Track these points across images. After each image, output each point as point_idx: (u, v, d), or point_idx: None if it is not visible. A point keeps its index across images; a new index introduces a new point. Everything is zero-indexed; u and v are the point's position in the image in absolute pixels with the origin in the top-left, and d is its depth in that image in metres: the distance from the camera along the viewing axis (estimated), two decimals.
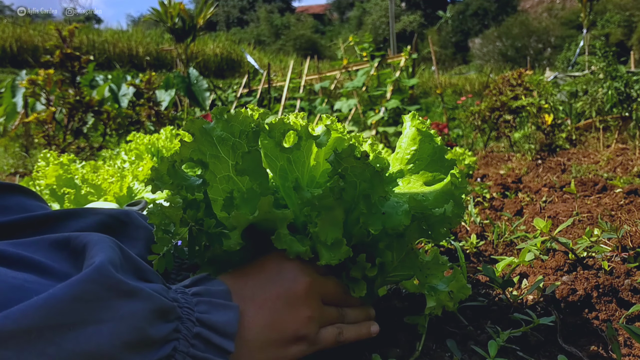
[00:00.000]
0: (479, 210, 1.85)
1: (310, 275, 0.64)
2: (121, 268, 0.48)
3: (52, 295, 0.41)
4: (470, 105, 5.97)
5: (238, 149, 0.62)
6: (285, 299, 0.60)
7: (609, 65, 4.25)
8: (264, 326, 0.58)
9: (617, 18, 29.67)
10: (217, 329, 0.52)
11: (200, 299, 0.54)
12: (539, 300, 0.85)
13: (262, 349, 0.58)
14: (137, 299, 0.46)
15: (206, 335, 0.51)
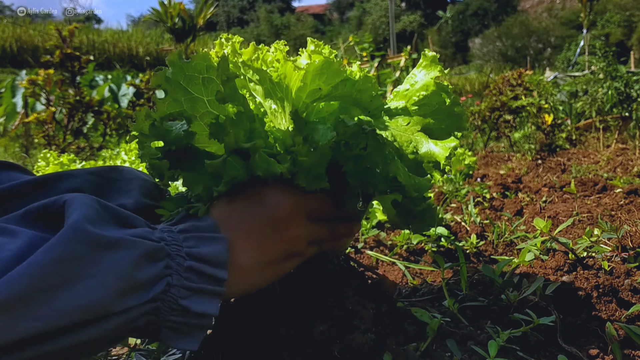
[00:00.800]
0: (479, 210, 1.85)
1: (292, 196, 0.64)
2: (100, 220, 0.48)
3: (33, 261, 0.41)
4: (470, 105, 5.96)
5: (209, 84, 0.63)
6: (271, 223, 0.61)
7: (609, 65, 4.25)
8: (253, 251, 0.59)
9: (617, 18, 29.67)
10: (208, 260, 0.53)
11: (188, 235, 0.54)
12: (539, 300, 0.85)
13: (256, 272, 0.60)
14: (119, 249, 0.46)
15: (198, 267, 0.52)
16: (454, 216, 1.73)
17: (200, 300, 0.52)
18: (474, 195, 2.05)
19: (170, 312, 0.50)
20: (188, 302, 0.51)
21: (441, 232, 1.42)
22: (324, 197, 0.69)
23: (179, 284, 0.50)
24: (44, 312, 0.41)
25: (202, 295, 0.52)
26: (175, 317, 0.50)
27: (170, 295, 0.50)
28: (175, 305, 0.50)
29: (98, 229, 0.46)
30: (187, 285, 0.51)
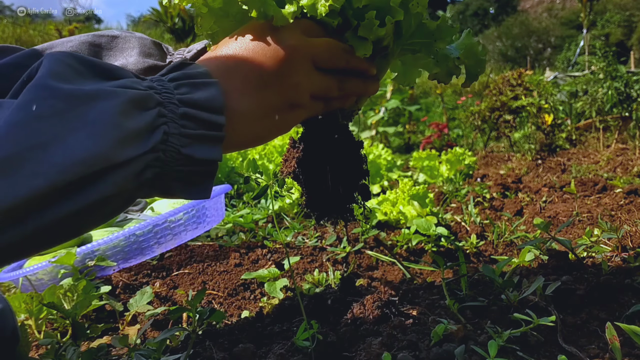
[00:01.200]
0: (479, 210, 1.85)
1: (294, 39, 0.60)
2: (75, 75, 0.45)
3: (8, 122, 0.40)
4: (470, 105, 5.96)
5: None
6: (271, 66, 0.58)
7: (609, 65, 4.25)
8: (252, 97, 0.57)
9: (617, 18, 29.67)
10: (203, 105, 0.51)
11: (179, 83, 0.52)
12: (539, 300, 0.85)
13: (257, 120, 0.58)
14: (98, 99, 0.44)
15: (193, 113, 0.50)
16: (454, 216, 1.73)
17: (202, 146, 0.50)
18: (474, 195, 2.05)
19: (174, 162, 0.49)
20: (190, 150, 0.49)
21: (441, 232, 1.42)
22: (334, 43, 0.63)
23: (177, 132, 0.49)
24: (42, 169, 0.40)
25: (203, 141, 0.50)
26: (181, 167, 0.49)
27: (170, 144, 0.48)
28: (177, 154, 0.49)
29: (70, 84, 0.44)
30: (185, 133, 0.49)
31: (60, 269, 1.12)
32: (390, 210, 1.66)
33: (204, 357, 0.79)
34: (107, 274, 1.25)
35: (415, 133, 5.58)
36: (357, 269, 1.32)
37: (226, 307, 1.13)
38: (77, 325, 0.92)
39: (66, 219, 0.43)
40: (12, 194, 0.39)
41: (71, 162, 0.41)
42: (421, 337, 0.75)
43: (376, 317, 0.85)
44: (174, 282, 1.24)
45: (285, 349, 0.77)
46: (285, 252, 1.02)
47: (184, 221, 1.35)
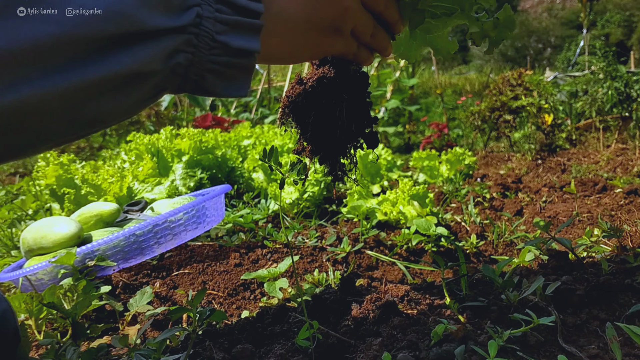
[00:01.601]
0: (479, 210, 1.85)
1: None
2: None
3: None
4: (470, 105, 5.96)
5: None
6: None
7: (609, 65, 4.25)
8: (302, 5, 0.54)
9: (617, 18, 29.66)
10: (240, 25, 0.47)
11: None
12: (539, 300, 0.85)
13: (299, 30, 0.55)
14: None
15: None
16: (454, 216, 1.73)
17: (238, 35, 0.46)
18: (474, 195, 2.05)
19: (208, 49, 0.45)
20: (226, 37, 0.46)
21: (441, 232, 1.42)
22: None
23: (211, 15, 0.45)
24: (54, 15, 0.35)
25: (240, 29, 0.47)
26: (216, 56, 0.46)
27: (204, 29, 0.44)
28: (212, 41, 0.45)
29: None
30: (220, 18, 0.45)
31: (60, 269, 1.12)
32: (390, 210, 1.66)
33: (204, 357, 0.79)
34: (107, 274, 1.25)
35: (415, 133, 5.58)
36: (357, 269, 1.32)
37: (226, 307, 1.13)
38: (77, 325, 0.92)
39: (77, 92, 0.38)
40: (12, 37, 0.33)
41: (89, 15, 0.36)
42: (421, 337, 0.75)
43: (376, 317, 0.85)
44: (174, 282, 1.24)
45: (285, 349, 0.77)
46: (290, 252, 1.02)
47: (184, 221, 1.35)
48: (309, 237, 1.50)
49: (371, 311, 0.88)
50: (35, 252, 1.27)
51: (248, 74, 0.49)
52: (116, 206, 1.47)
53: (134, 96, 0.42)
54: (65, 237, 1.25)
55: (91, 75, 0.38)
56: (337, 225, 1.80)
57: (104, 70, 0.38)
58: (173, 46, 0.42)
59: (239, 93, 0.49)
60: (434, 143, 4.49)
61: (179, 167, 2.05)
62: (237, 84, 0.49)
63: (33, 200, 2.03)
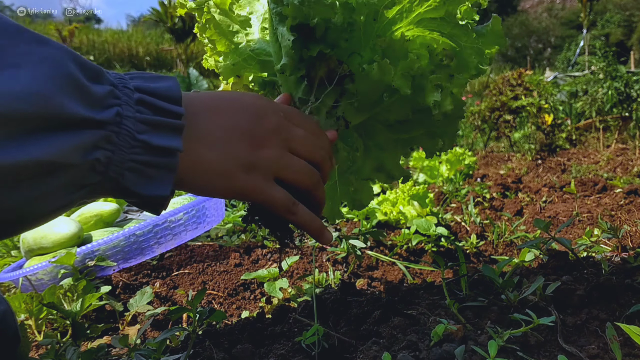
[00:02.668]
0: (479, 210, 1.85)
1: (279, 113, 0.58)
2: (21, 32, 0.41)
3: None
4: (470, 105, 5.96)
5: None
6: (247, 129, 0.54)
7: (609, 65, 4.25)
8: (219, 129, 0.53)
9: (617, 18, 29.67)
10: (160, 94, 0.47)
11: (135, 75, 0.48)
12: (539, 300, 0.85)
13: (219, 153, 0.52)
14: (51, 46, 0.40)
15: (150, 100, 0.46)
16: (454, 216, 1.73)
17: (160, 134, 0.45)
18: (474, 195, 2.05)
19: (128, 148, 0.44)
20: (147, 136, 0.45)
21: (441, 232, 1.42)
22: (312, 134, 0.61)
23: (132, 115, 0.44)
24: None
25: (161, 129, 0.46)
26: (136, 155, 0.44)
27: (124, 127, 0.43)
28: (132, 140, 0.44)
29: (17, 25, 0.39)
30: (141, 118, 0.45)
31: (60, 269, 1.12)
32: (391, 210, 1.66)
33: (204, 357, 0.79)
34: (107, 274, 1.25)
35: None
36: (357, 269, 1.32)
37: (226, 307, 1.13)
38: (77, 325, 0.92)
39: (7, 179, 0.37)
40: None
41: (4, 92, 0.36)
42: (421, 337, 0.75)
43: (376, 317, 0.85)
44: (174, 282, 1.24)
45: (286, 350, 0.77)
46: (313, 254, 1.02)
47: (184, 221, 1.35)
48: (309, 237, 1.50)
49: (371, 311, 0.88)
50: (35, 252, 1.27)
51: (169, 172, 0.47)
52: (116, 206, 1.47)
53: (50, 190, 0.40)
54: (65, 237, 1.25)
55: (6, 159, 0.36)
56: (337, 225, 1.80)
57: (19, 155, 0.37)
58: (92, 141, 0.41)
59: (159, 192, 0.47)
60: None
61: None
62: (157, 183, 0.47)
63: None
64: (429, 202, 1.69)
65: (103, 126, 0.42)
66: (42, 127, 0.38)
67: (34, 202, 0.40)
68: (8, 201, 0.38)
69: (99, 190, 0.45)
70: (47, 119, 0.38)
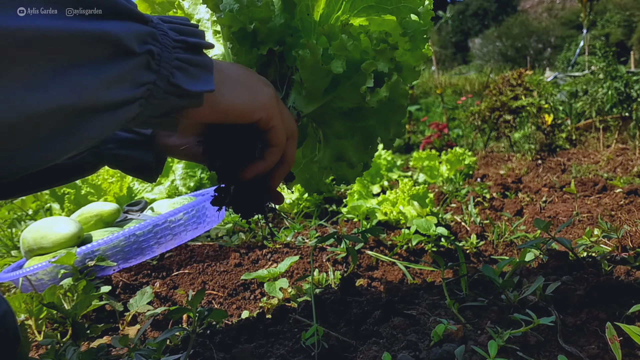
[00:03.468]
0: (479, 210, 1.85)
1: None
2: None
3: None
4: (470, 105, 5.96)
5: None
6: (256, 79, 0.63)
7: (609, 65, 4.25)
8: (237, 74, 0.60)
9: (617, 18, 29.67)
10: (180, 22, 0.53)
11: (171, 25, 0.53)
12: (539, 300, 0.85)
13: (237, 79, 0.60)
14: None
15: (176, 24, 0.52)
16: (454, 216, 1.73)
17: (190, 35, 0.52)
18: (474, 195, 2.05)
19: (172, 48, 0.49)
20: (183, 37, 0.51)
21: (441, 232, 1.42)
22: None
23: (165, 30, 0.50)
24: None
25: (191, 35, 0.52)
26: (179, 54, 0.50)
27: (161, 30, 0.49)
28: (172, 41, 0.50)
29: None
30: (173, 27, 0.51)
31: (60, 269, 1.12)
32: (391, 210, 1.66)
33: (204, 357, 0.79)
34: (107, 274, 1.25)
35: (415, 133, 5.58)
36: (357, 269, 1.32)
37: (226, 307, 1.13)
38: (77, 325, 0.92)
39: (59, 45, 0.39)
40: None
41: None
42: (421, 337, 0.75)
43: (376, 317, 0.85)
44: (174, 282, 1.24)
45: (286, 350, 0.77)
46: (311, 255, 1.02)
47: (184, 221, 1.35)
48: (309, 237, 1.50)
49: (371, 311, 0.88)
50: (35, 252, 1.27)
51: (208, 71, 0.53)
52: (116, 206, 1.47)
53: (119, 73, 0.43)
54: (65, 237, 1.25)
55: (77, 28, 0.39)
56: (337, 225, 1.80)
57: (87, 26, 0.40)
58: (143, 33, 0.45)
59: (205, 88, 0.52)
60: (434, 143, 4.49)
61: (179, 167, 2.05)
62: (203, 80, 0.52)
63: (33, 200, 2.03)
64: (429, 202, 1.69)
65: (146, 22, 0.47)
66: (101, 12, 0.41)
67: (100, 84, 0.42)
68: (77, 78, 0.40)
69: (155, 91, 0.48)
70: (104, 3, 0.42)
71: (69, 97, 0.40)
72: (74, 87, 0.40)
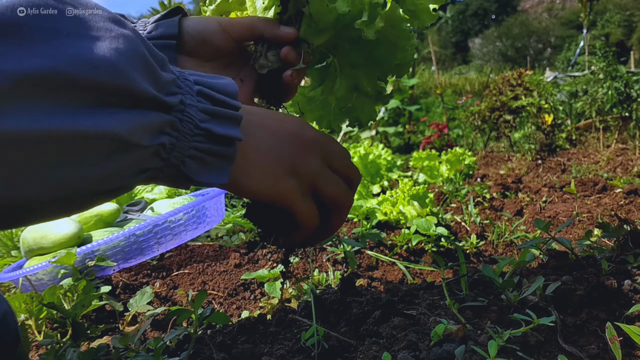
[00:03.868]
0: (479, 210, 1.85)
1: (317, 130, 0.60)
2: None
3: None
4: (470, 105, 5.96)
5: None
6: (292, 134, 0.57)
7: (609, 65, 4.25)
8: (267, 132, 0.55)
9: (617, 18, 29.67)
10: (218, 88, 0.49)
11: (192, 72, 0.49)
12: (539, 300, 0.85)
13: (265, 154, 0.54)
14: (126, 27, 0.41)
15: (208, 92, 0.47)
16: (454, 216, 1.73)
17: (220, 123, 0.47)
18: (474, 195, 2.05)
19: (191, 136, 0.45)
20: (209, 125, 0.46)
21: (441, 232, 1.42)
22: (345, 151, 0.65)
23: (194, 103, 0.46)
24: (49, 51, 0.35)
25: (221, 119, 0.47)
26: (198, 143, 0.46)
27: (187, 114, 0.45)
28: (195, 128, 0.45)
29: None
30: (202, 107, 0.46)
31: (60, 269, 1.12)
32: (391, 210, 1.66)
33: (204, 357, 0.79)
34: (107, 274, 1.25)
35: (415, 133, 5.58)
36: (357, 269, 1.32)
37: (226, 307, 1.13)
38: (77, 325, 0.92)
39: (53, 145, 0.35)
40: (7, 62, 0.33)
41: (82, 59, 0.36)
42: (421, 337, 0.75)
43: (376, 317, 0.85)
44: (174, 282, 1.24)
45: (286, 350, 0.77)
46: (310, 254, 1.02)
47: (184, 221, 1.35)
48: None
49: (371, 311, 0.88)
50: (35, 252, 1.27)
51: (228, 162, 0.49)
52: (116, 206, 1.47)
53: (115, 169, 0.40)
54: (65, 237, 1.25)
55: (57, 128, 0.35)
56: None
57: (88, 124, 0.37)
58: (159, 123, 0.42)
59: (217, 181, 0.48)
60: (434, 143, 4.49)
61: None
62: (216, 171, 0.48)
63: None
64: (429, 202, 1.69)
65: (169, 110, 0.43)
66: (113, 101, 0.38)
67: (95, 180, 0.39)
68: (69, 176, 0.38)
69: (159, 175, 0.45)
70: (119, 92, 0.38)
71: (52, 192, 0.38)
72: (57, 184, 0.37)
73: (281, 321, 0.95)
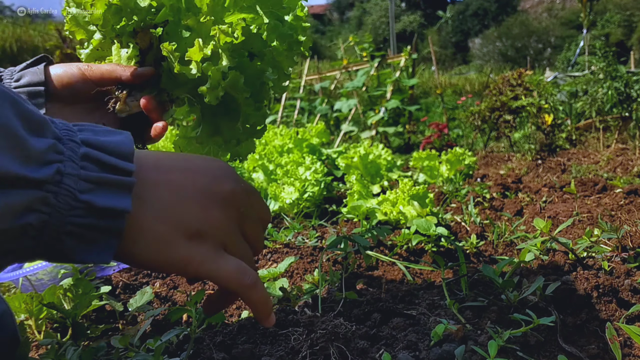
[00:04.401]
0: (479, 210, 1.85)
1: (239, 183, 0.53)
2: None
3: None
4: (470, 105, 5.96)
5: None
6: (202, 190, 0.49)
7: (609, 65, 4.24)
8: (170, 194, 0.47)
9: (617, 18, 29.67)
10: (109, 149, 0.43)
11: (84, 127, 0.44)
12: (539, 300, 0.85)
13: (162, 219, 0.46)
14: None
15: (97, 155, 0.42)
16: (454, 216, 1.73)
17: (105, 193, 0.41)
18: (474, 195, 2.05)
19: (68, 210, 0.39)
20: (90, 196, 0.40)
21: (441, 232, 1.42)
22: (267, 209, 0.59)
23: (74, 172, 0.40)
24: None
25: (107, 187, 0.41)
26: (77, 218, 0.40)
27: (64, 187, 0.39)
28: (73, 200, 0.40)
29: None
30: (85, 176, 0.40)
31: (60, 269, 1.12)
32: (390, 211, 1.66)
33: (204, 357, 0.79)
34: (107, 274, 1.25)
35: (415, 133, 5.58)
36: (357, 269, 1.31)
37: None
38: (77, 325, 0.92)
39: None
40: None
41: None
42: (421, 337, 0.75)
43: (376, 318, 0.85)
44: (174, 282, 1.24)
45: (286, 351, 0.77)
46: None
47: None
48: (309, 237, 1.50)
49: (371, 311, 0.88)
50: None
51: (114, 237, 0.42)
52: None
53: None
54: None
55: None
56: (337, 225, 1.80)
57: None
58: (24, 203, 0.37)
59: (100, 259, 0.42)
60: (434, 143, 4.49)
61: None
62: (100, 248, 0.42)
63: None
64: (429, 202, 1.69)
65: (40, 186, 0.38)
66: None
67: None
68: None
69: (30, 254, 0.40)
70: None
71: None
72: None
73: (281, 321, 0.95)
